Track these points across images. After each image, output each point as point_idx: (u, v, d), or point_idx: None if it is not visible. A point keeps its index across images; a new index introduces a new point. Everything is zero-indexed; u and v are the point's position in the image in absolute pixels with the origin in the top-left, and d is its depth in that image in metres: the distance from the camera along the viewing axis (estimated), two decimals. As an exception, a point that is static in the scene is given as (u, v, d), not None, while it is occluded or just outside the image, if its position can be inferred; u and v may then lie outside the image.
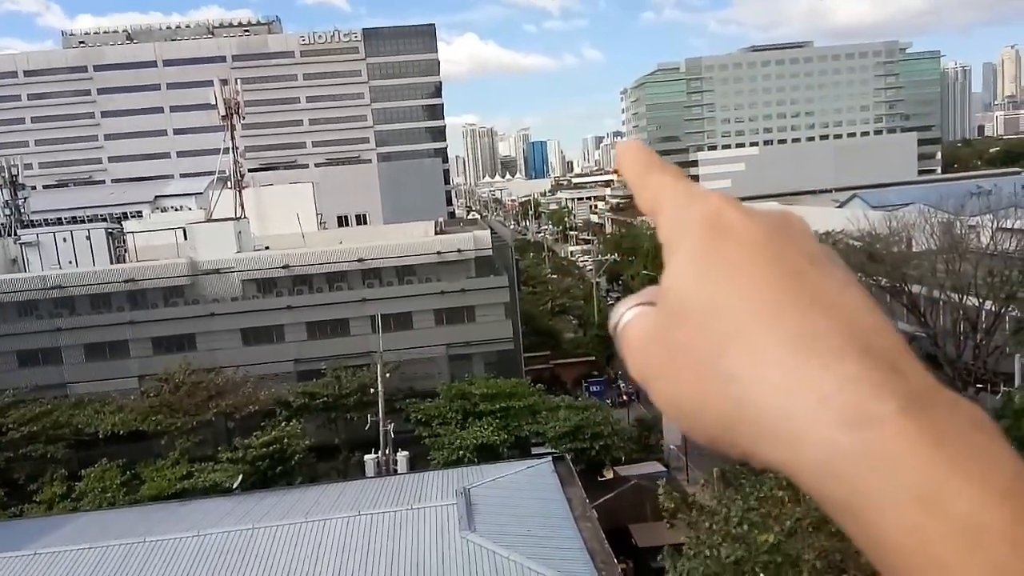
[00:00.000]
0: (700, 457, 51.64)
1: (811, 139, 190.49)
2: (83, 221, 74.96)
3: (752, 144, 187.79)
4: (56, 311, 55.84)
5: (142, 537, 27.28)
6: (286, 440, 43.21)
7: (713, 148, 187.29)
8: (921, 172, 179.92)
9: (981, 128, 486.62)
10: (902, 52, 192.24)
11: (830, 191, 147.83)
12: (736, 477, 27.93)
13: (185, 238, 60.74)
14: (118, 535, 28.16)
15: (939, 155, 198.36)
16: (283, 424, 45.58)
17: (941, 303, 55.87)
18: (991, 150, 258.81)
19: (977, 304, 53.04)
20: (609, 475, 45.42)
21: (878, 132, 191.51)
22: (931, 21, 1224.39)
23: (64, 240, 64.00)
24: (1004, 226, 56.64)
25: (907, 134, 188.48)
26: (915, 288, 57.29)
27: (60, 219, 79.10)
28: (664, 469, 48.73)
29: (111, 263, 62.30)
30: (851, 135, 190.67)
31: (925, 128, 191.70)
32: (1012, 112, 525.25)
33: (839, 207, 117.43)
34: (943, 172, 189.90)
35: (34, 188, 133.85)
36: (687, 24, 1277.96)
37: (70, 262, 62.87)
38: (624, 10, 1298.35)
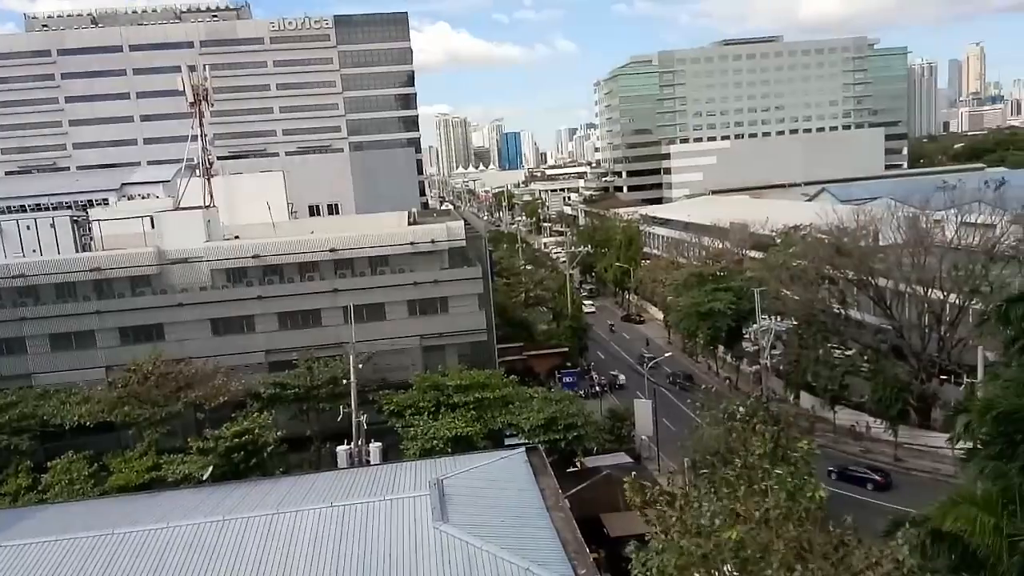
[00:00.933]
0: (671, 447, 52.24)
1: (781, 133, 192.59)
2: (47, 208, 73.48)
3: (723, 137, 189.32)
4: (20, 300, 54.68)
5: (110, 529, 26.92)
6: (257, 431, 42.84)
7: (685, 141, 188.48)
8: (888, 166, 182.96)
9: (946, 124, 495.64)
10: (870, 48, 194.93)
11: (799, 184, 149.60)
12: (704, 467, 28.27)
13: (152, 227, 59.73)
14: (85, 527, 27.74)
15: (905, 150, 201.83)
16: (255, 415, 45.19)
17: (907, 296, 56.96)
18: (956, 146, 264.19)
19: (942, 297, 54.17)
20: (577, 466, 45.71)
21: (846, 127, 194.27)
22: (898, 17, 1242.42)
23: (28, 228, 62.61)
24: (968, 220, 57.86)
25: (874, 129, 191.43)
26: (882, 281, 58.35)
27: (23, 206, 77.53)
28: (631, 460, 49.18)
29: (76, 251, 61.13)
30: (820, 129, 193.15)
31: (892, 123, 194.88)
32: (976, 108, 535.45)
33: (808, 200, 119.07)
34: (909, 167, 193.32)
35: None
36: (660, 17, 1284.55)
37: (34, 250, 61.56)
38: (597, 1, 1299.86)
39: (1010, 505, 16.37)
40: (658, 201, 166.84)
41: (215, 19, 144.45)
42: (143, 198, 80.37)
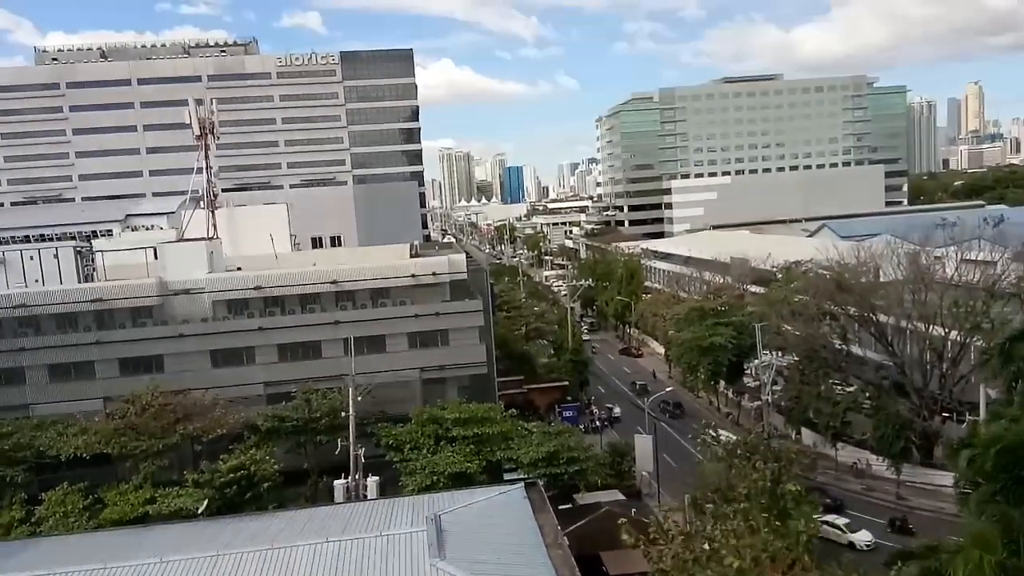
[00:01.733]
0: (673, 483, 51.69)
1: (781, 169, 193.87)
2: (51, 239, 73.71)
3: (724, 173, 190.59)
4: (21, 330, 54.61)
5: (103, 563, 26.56)
6: (254, 466, 42.47)
7: (686, 176, 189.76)
8: (888, 203, 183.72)
9: (946, 161, 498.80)
10: (869, 86, 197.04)
11: (800, 220, 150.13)
12: (706, 504, 27.93)
13: (156, 258, 59.88)
14: (78, 561, 27.38)
15: (905, 187, 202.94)
16: (252, 450, 44.81)
17: (908, 332, 56.74)
18: (955, 183, 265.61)
19: (943, 334, 53.96)
20: (573, 503, 45.03)
21: (846, 164, 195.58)
22: (896, 56, 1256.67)
23: (31, 258, 62.88)
24: (968, 257, 57.90)
25: (874, 166, 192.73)
26: (883, 317, 58.19)
27: (28, 237, 77.77)
28: (625, 498, 48.55)
29: (79, 282, 61.21)
30: (820, 166, 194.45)
31: (892, 161, 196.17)
32: (975, 147, 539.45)
33: (809, 236, 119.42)
34: (909, 204, 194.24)
35: (1, 205, 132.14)
36: (661, 55, 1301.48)
37: (37, 280, 61.72)
38: (598, 40, 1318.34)
39: (1012, 545, 16.09)
40: (659, 235, 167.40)
41: (223, 54, 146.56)
42: (147, 229, 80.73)
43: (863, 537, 45.99)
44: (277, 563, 25.86)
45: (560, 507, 42.23)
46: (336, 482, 40.20)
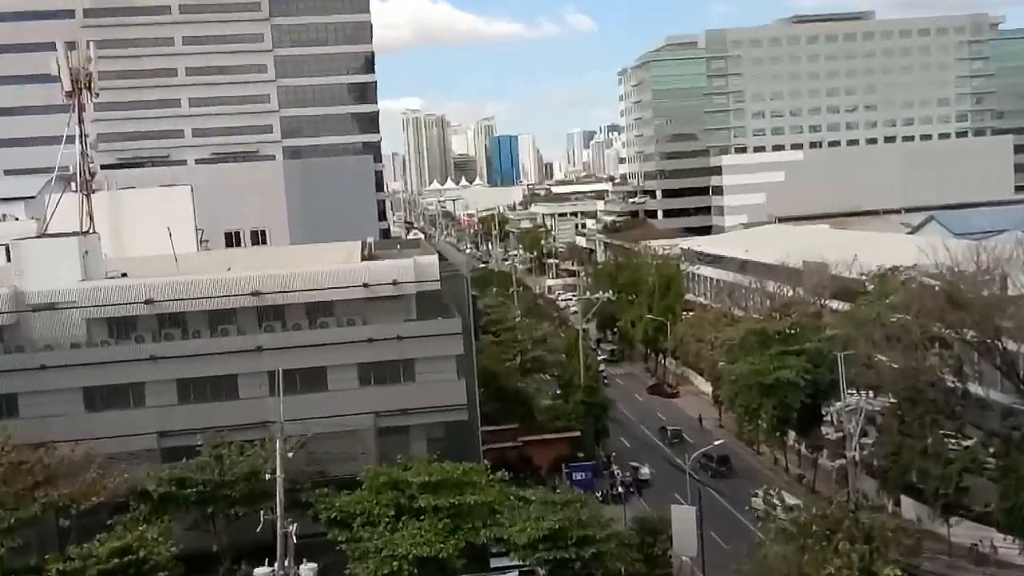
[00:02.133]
0: (722, 573, 51.62)
1: (872, 141, 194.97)
2: None
3: (794, 146, 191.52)
4: None
5: None
6: (143, 548, 42.30)
7: (742, 150, 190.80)
8: (1019, 188, 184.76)
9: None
10: (993, 28, 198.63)
11: (899, 211, 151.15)
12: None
13: (8, 259, 59.80)
14: None
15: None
16: (141, 526, 44.65)
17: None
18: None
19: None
20: None
21: (961, 133, 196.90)
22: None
23: None
24: None
25: (1000, 137, 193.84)
26: (1012, 345, 58.41)
27: None
28: None
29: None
30: (926, 137, 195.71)
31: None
32: None
33: (911, 233, 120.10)
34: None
35: None
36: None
37: None
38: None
39: None
40: (706, 231, 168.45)
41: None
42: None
43: None
44: None
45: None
46: (257, 571, 40.03)
